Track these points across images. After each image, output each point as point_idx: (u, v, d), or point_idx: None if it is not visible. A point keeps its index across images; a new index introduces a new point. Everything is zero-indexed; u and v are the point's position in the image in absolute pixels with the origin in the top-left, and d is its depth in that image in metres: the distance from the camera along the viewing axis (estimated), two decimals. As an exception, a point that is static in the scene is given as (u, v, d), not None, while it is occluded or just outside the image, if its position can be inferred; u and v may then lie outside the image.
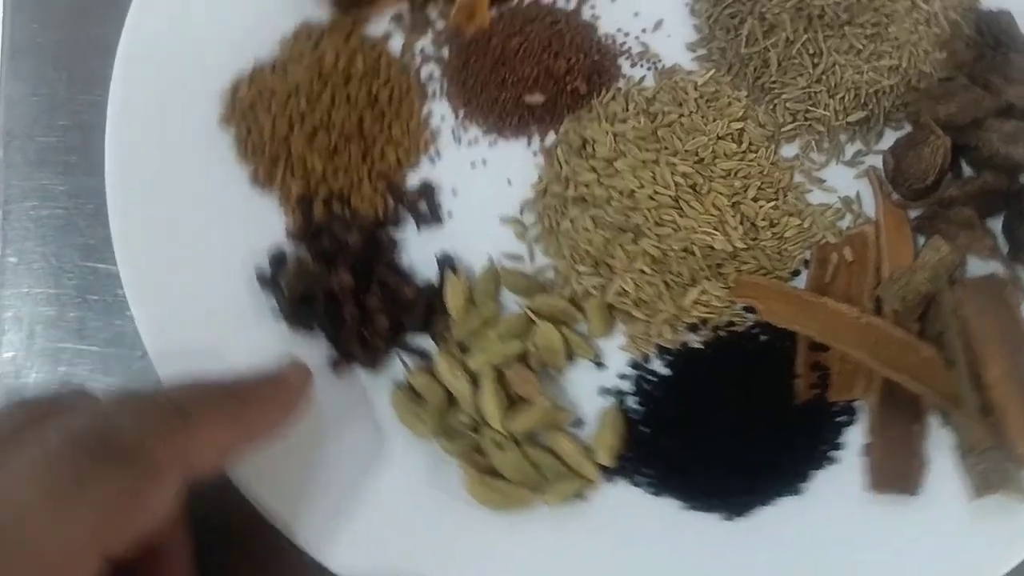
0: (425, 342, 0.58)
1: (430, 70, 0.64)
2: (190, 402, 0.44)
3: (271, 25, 0.62)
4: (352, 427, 0.56)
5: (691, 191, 0.57)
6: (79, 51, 0.66)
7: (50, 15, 0.66)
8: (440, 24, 0.64)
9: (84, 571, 0.37)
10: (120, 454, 0.39)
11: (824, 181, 0.60)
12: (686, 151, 0.57)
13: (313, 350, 0.57)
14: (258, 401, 0.47)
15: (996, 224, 0.58)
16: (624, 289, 0.56)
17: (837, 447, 0.55)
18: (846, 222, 0.60)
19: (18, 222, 0.63)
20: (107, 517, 0.38)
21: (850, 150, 0.61)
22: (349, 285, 0.56)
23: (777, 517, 0.54)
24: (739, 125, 0.59)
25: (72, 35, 0.66)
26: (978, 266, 0.58)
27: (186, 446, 0.42)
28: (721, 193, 0.57)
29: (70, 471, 0.38)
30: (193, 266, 0.57)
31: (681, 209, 0.56)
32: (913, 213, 0.59)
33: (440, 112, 0.63)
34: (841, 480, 0.55)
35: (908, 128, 0.61)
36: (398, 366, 0.57)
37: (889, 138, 0.61)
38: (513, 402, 0.55)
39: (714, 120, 0.59)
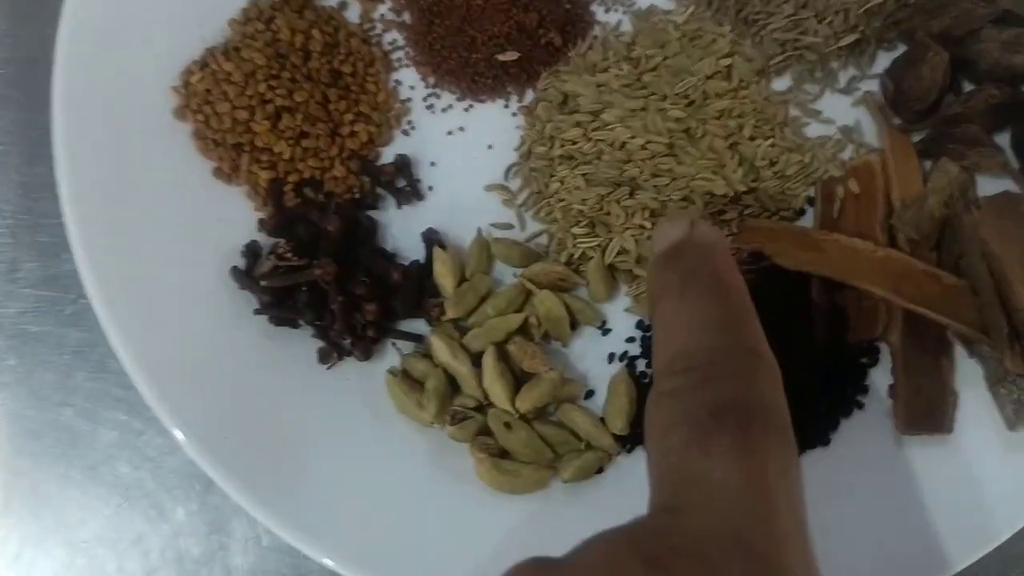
0: (418, 326, 0.55)
1: (393, 38, 0.60)
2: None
3: (218, 6, 0.58)
4: (348, 422, 0.53)
5: (685, 136, 0.53)
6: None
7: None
8: (398, -13, 0.60)
9: None
10: None
11: (821, 112, 0.57)
12: (675, 95, 0.54)
13: (299, 345, 0.54)
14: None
15: (1003, 139, 0.55)
16: (624, 247, 0.53)
17: (863, 390, 0.53)
18: (848, 153, 0.57)
19: (-53, 157, 0.60)
20: None
21: (844, 77, 0.58)
22: (333, 274, 0.52)
23: (807, 472, 0.51)
24: (727, 62, 0.56)
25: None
26: (988, 185, 0.55)
27: None
28: (716, 135, 0.54)
29: None
30: (162, 270, 0.54)
31: (676, 156, 0.53)
32: (916, 137, 0.56)
33: (409, 81, 0.59)
34: (869, 426, 0.52)
35: (902, 49, 0.58)
36: (392, 354, 0.54)
37: (883, 60, 0.58)
38: (519, 379, 0.52)
39: (700, 59, 0.55)
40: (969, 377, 0.52)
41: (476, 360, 0.52)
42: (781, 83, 0.58)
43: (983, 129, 0.54)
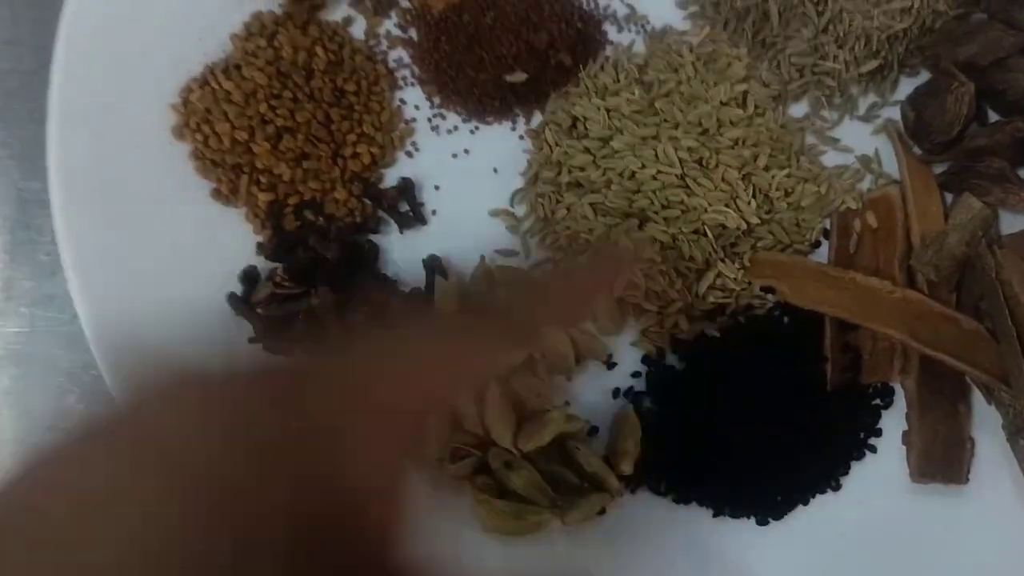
0: (419, 356, 0.53)
1: (398, 55, 0.58)
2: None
3: (219, 21, 0.56)
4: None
5: (698, 167, 0.52)
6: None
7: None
8: (405, 2, 0.58)
9: None
10: None
11: (839, 140, 0.55)
12: (688, 123, 0.52)
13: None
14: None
15: (1028, 173, 0.54)
16: (632, 280, 0.51)
17: (875, 434, 0.51)
18: (866, 184, 0.55)
19: (-57, 169, 0.59)
20: None
21: (864, 104, 0.56)
22: (331, 303, 0.51)
23: (815, 517, 0.50)
24: (742, 87, 0.54)
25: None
26: (1012, 222, 0.53)
27: None
28: (730, 166, 0.52)
29: None
30: (156, 292, 0.52)
31: (688, 188, 0.51)
32: (938, 169, 0.54)
33: (414, 101, 0.57)
34: (881, 471, 0.50)
35: (926, 75, 0.56)
36: (392, 385, 0.53)
37: (905, 87, 0.56)
38: (521, 415, 0.51)
39: (715, 84, 0.54)
40: (988, 424, 0.50)
41: (479, 395, 0.51)
42: (798, 109, 0.56)
43: (1009, 164, 0.52)
